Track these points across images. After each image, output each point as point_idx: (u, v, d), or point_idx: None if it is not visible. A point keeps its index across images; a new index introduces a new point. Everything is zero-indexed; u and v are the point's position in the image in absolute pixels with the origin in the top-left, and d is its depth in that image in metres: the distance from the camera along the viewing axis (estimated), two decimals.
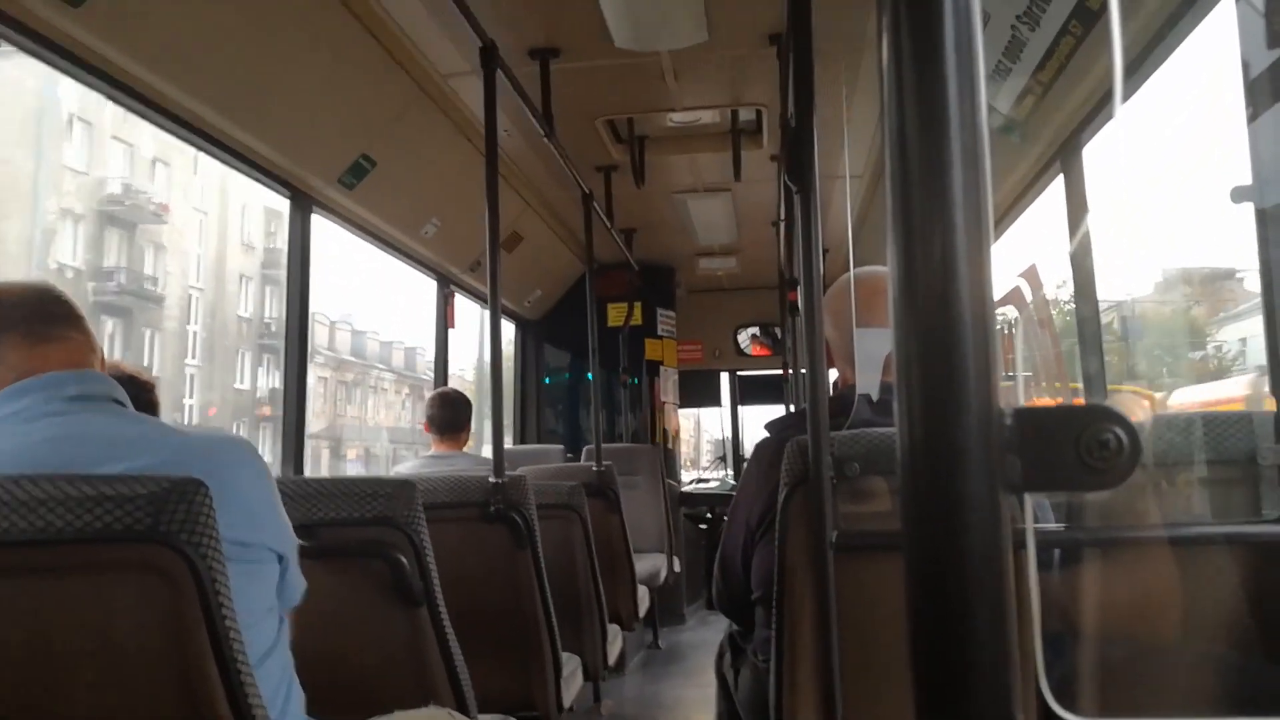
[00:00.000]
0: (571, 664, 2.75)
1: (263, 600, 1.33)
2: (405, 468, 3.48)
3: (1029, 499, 0.44)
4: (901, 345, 0.41)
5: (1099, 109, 2.45)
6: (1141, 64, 2.11)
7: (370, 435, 37.27)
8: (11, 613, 1.08)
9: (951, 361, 0.39)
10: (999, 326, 0.41)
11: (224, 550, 1.21)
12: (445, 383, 4.51)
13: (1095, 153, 2.59)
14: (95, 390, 1.30)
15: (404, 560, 1.72)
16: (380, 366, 38.37)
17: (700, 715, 3.64)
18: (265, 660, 1.31)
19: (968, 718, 0.39)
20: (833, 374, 1.88)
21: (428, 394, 3.67)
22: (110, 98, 2.24)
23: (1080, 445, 0.40)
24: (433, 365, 4.60)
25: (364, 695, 1.67)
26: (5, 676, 1.08)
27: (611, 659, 3.26)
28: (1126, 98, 2.33)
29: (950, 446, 0.39)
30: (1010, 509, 0.41)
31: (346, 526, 1.36)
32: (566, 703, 2.60)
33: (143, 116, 2.36)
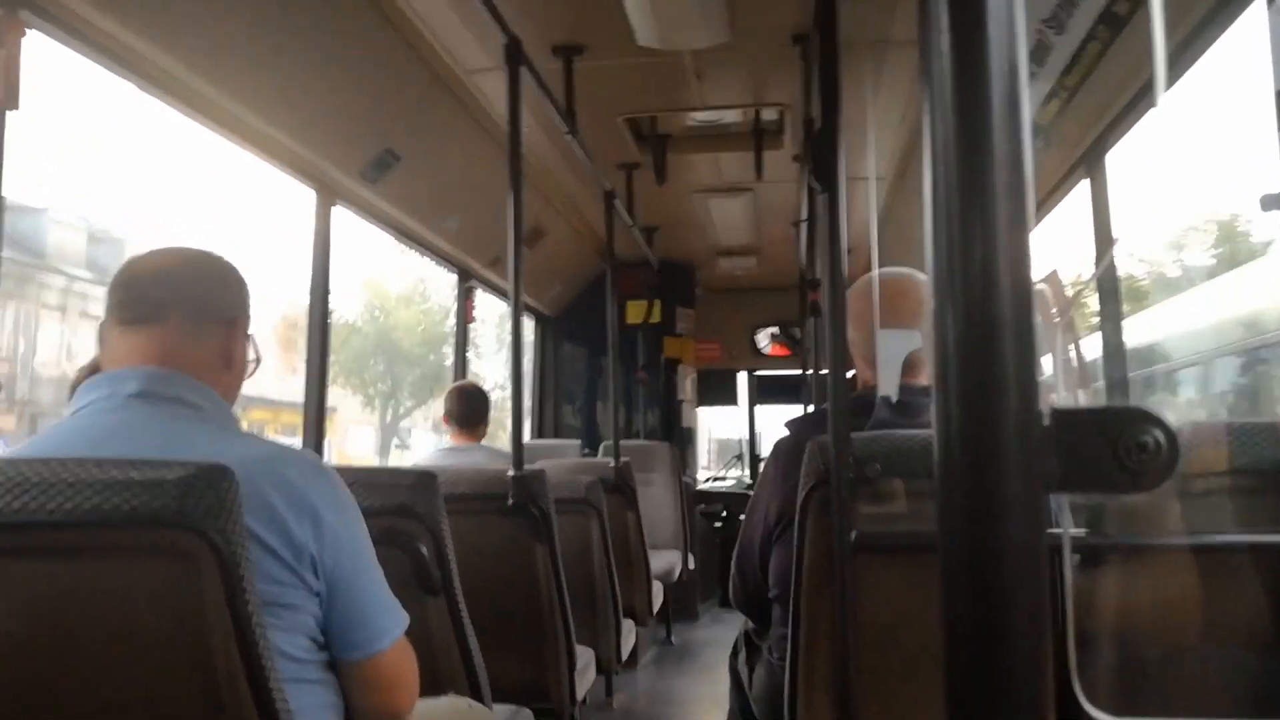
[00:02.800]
0: (585, 657, 2.76)
1: (296, 645, 1.25)
2: (424, 460, 3.51)
3: (1065, 501, 0.44)
4: (941, 345, 0.41)
5: (1125, 114, 2.44)
6: (1171, 68, 2.10)
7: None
8: (37, 594, 1.09)
9: (991, 362, 0.40)
10: None
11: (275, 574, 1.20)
12: (464, 376, 4.53)
13: (1120, 158, 2.58)
14: (159, 389, 1.25)
15: (423, 550, 1.74)
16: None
17: (712, 712, 3.65)
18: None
19: (1000, 714, 0.39)
20: (850, 374, 1.88)
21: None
22: (142, 90, 2.26)
23: (1119, 447, 0.40)
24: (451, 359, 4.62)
25: None
26: (30, 658, 1.09)
27: (625, 653, 3.27)
28: (1153, 103, 2.32)
29: (989, 446, 0.40)
30: (1047, 509, 0.41)
31: (368, 516, 1.37)
32: (580, 695, 2.61)
33: (173, 108, 2.38)
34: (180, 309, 1.30)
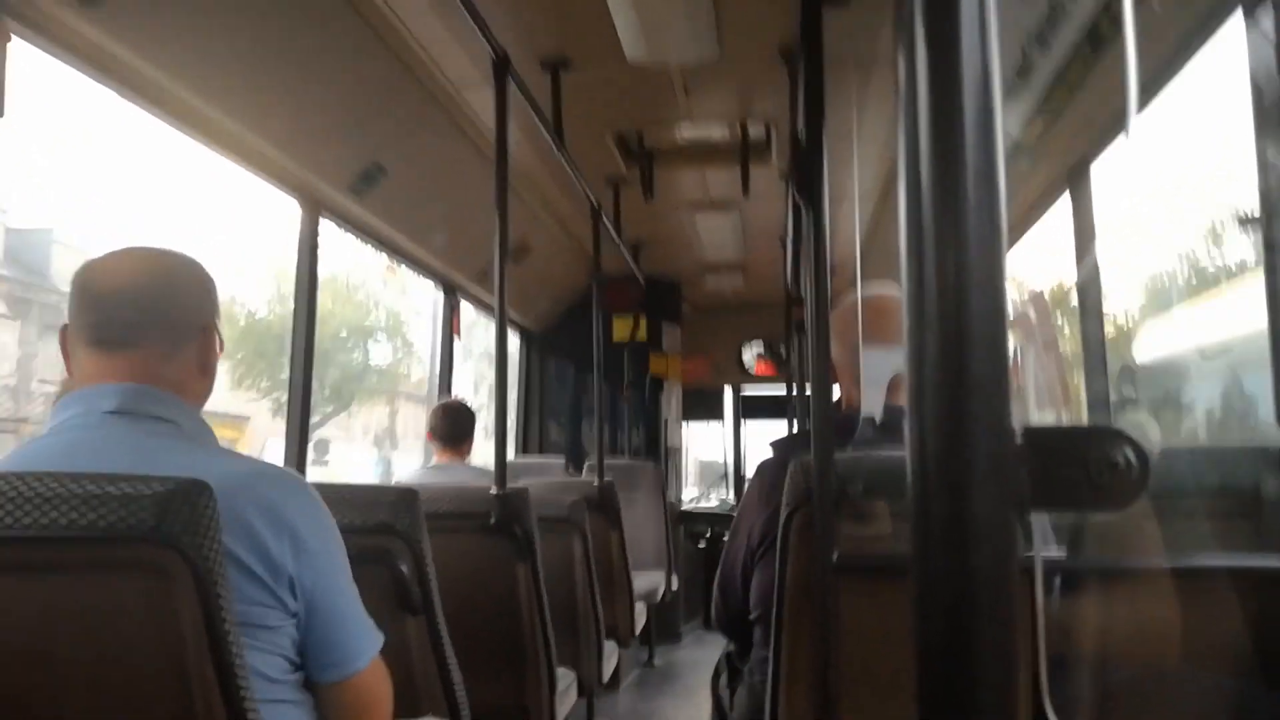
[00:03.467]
0: (567, 679, 2.74)
1: (273, 665, 1.24)
2: (407, 477, 3.49)
3: (1037, 520, 0.44)
4: (914, 363, 0.40)
5: (1107, 131, 2.45)
6: (1151, 85, 2.12)
7: None
8: (13, 609, 1.07)
9: (964, 379, 0.39)
10: None
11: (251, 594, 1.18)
12: (449, 393, 4.51)
13: (1101, 173, 2.60)
14: (136, 406, 1.23)
15: (404, 568, 1.72)
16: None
17: None
18: None
19: None
20: (835, 391, 1.87)
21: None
22: (126, 99, 2.24)
23: (1090, 465, 0.40)
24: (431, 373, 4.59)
25: None
26: (3, 672, 1.08)
27: (607, 675, 3.25)
28: (1130, 121, 2.34)
29: (961, 464, 0.39)
30: (1021, 530, 0.40)
31: (348, 534, 1.36)
32: (560, 717, 2.59)
33: (159, 119, 2.37)
34: (155, 332, 1.28)
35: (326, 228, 3.13)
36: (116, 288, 1.27)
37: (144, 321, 1.27)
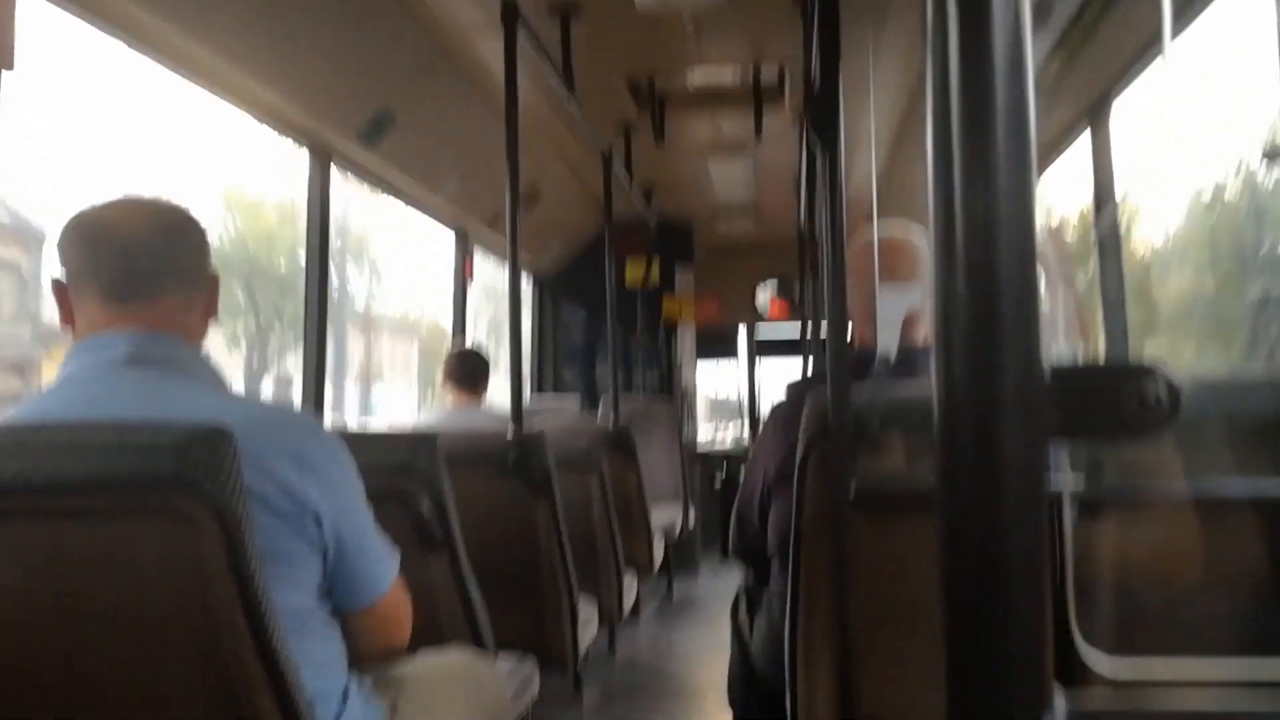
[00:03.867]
0: (588, 610, 2.79)
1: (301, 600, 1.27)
2: (425, 421, 3.52)
3: (1065, 452, 0.45)
4: (942, 299, 0.41)
5: (1128, 67, 2.42)
6: (1176, 19, 2.08)
7: None
8: (37, 557, 1.09)
9: (993, 316, 0.40)
10: None
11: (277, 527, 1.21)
12: (464, 337, 4.53)
13: (1123, 110, 2.57)
14: (150, 352, 1.23)
15: (425, 509, 1.75)
16: None
17: (713, 663, 3.69)
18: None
19: (1002, 658, 0.40)
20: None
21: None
22: (133, 49, 2.23)
23: (1120, 402, 0.40)
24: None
25: None
26: (33, 620, 1.10)
27: (627, 606, 3.31)
28: (1157, 53, 2.30)
29: (990, 401, 0.40)
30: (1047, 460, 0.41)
31: (369, 476, 1.38)
32: (582, 648, 2.65)
33: (164, 67, 2.35)
34: (175, 281, 1.28)
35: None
36: (132, 240, 1.27)
37: (164, 271, 1.27)
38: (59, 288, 1.29)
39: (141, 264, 1.26)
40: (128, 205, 1.30)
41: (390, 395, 23.61)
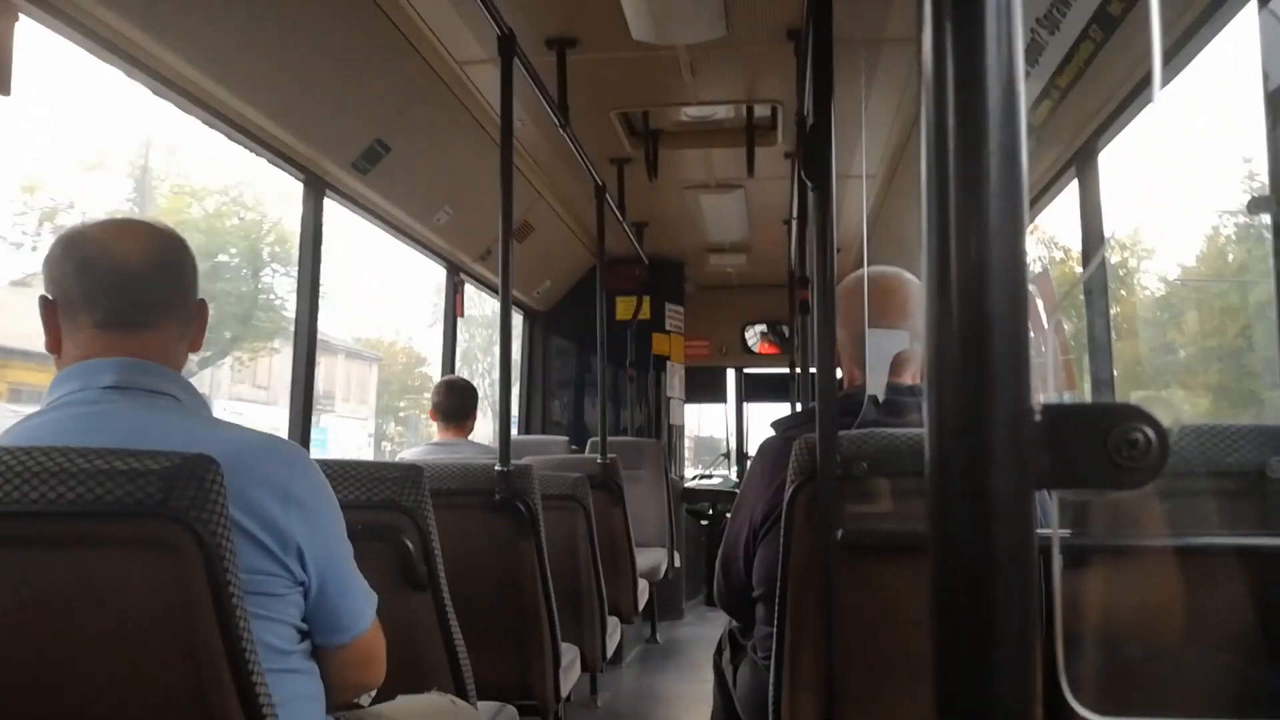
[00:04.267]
0: (570, 654, 2.76)
1: (279, 636, 1.25)
2: (410, 454, 3.49)
3: (1054, 500, 0.44)
4: (934, 339, 0.41)
5: (1116, 114, 2.44)
6: (1164, 66, 2.11)
7: None
8: (20, 584, 1.08)
9: (983, 357, 0.39)
10: None
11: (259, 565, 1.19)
12: (453, 371, 4.52)
13: (1111, 158, 2.59)
14: (136, 380, 1.23)
15: (409, 544, 1.73)
16: None
17: (696, 710, 3.65)
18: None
19: (987, 711, 0.39)
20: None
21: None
22: (131, 76, 2.24)
23: (1109, 443, 0.40)
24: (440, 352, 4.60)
25: None
26: (13, 646, 1.08)
27: (610, 651, 3.27)
28: (1142, 106, 2.33)
29: (980, 440, 0.39)
30: (1036, 507, 0.41)
31: (353, 510, 1.37)
32: (564, 693, 2.61)
33: (161, 96, 2.36)
34: (170, 312, 1.28)
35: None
36: (131, 269, 1.26)
37: (162, 303, 1.27)
38: (47, 306, 1.27)
39: (140, 295, 1.25)
40: (125, 229, 1.29)
41: (341, 428, 21.76)
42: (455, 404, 3.49)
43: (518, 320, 6.05)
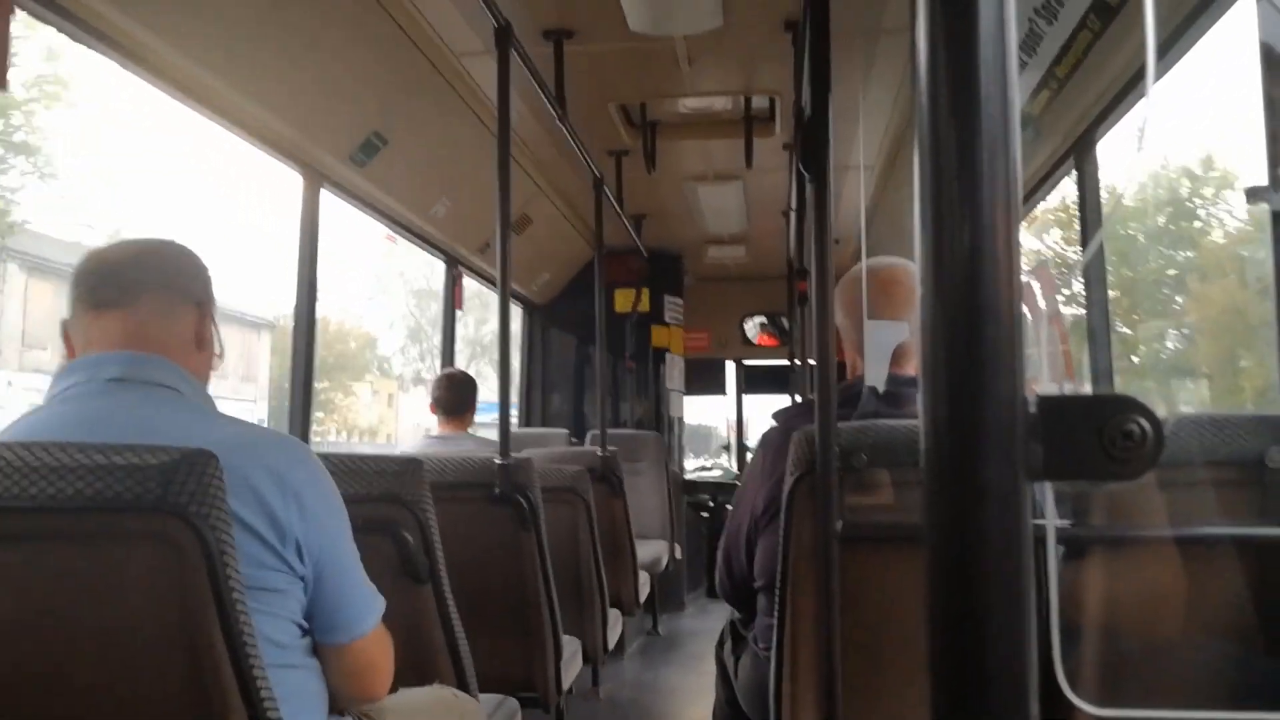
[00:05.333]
0: (571, 647, 2.76)
1: (281, 631, 1.25)
2: (410, 447, 3.50)
3: (1049, 489, 0.44)
4: (928, 331, 0.41)
5: (1114, 105, 2.44)
6: (1161, 58, 2.10)
7: None
8: (20, 579, 1.08)
9: (977, 347, 0.39)
10: None
11: (259, 557, 1.20)
12: (452, 364, 4.52)
13: (1109, 149, 2.59)
14: (137, 373, 1.24)
15: (409, 538, 1.73)
16: None
17: (697, 701, 3.66)
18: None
19: (983, 702, 0.39)
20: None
21: None
22: (126, 69, 2.23)
23: (1104, 435, 0.40)
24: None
25: None
26: (12, 642, 1.08)
27: (611, 643, 3.28)
28: (1142, 93, 2.32)
29: (974, 432, 0.39)
30: (1031, 498, 0.41)
31: (353, 503, 1.37)
32: (566, 685, 2.61)
33: (158, 89, 2.36)
34: (151, 288, 1.30)
35: None
36: (114, 256, 1.32)
37: (140, 280, 1.29)
38: (64, 329, 1.32)
39: (117, 273, 1.29)
40: (126, 240, 1.36)
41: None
42: (455, 397, 3.49)
43: (516, 313, 6.05)
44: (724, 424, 7.72)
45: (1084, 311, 2.66)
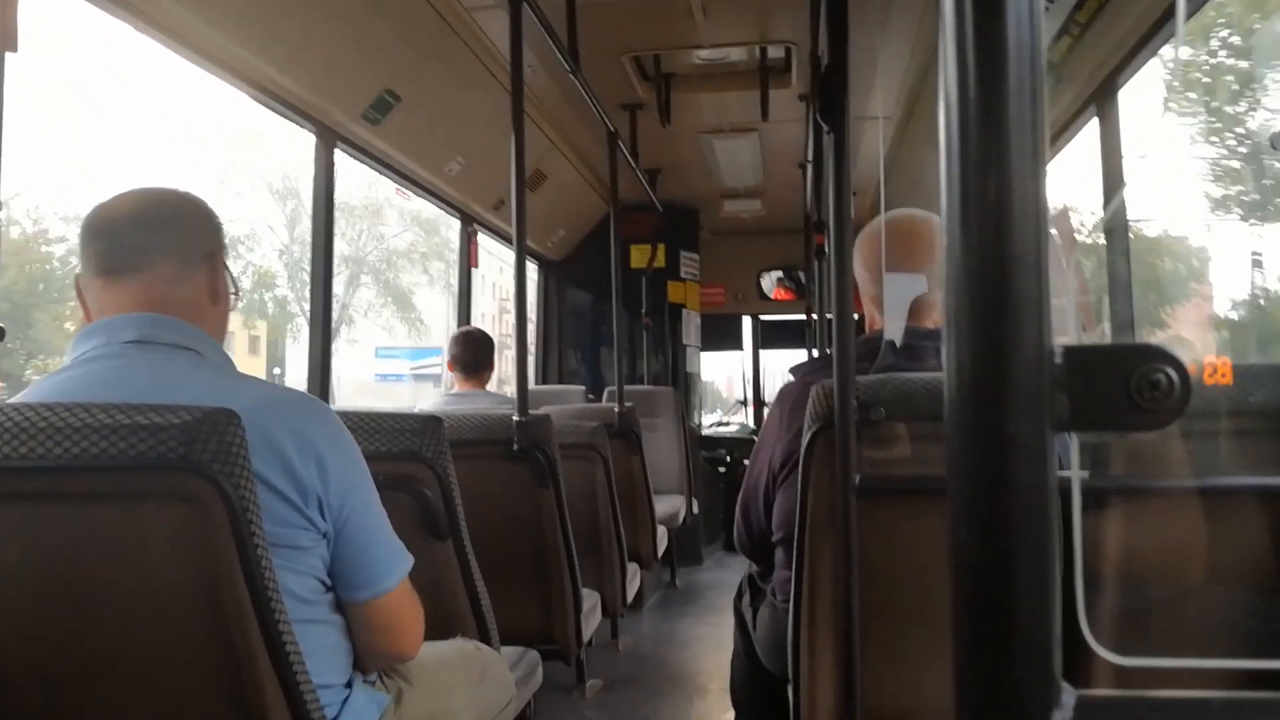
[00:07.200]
0: (591, 600, 2.80)
1: (305, 586, 1.26)
2: (428, 405, 3.52)
3: (1074, 440, 0.44)
4: (953, 281, 0.40)
5: (1136, 51, 2.39)
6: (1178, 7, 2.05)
7: None
8: (46, 538, 1.10)
9: (1003, 298, 0.39)
10: None
11: (284, 516, 1.21)
12: (469, 322, 4.53)
13: (1131, 96, 2.54)
14: (156, 334, 1.24)
15: (430, 495, 1.75)
16: None
17: (716, 653, 3.70)
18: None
19: (1007, 653, 0.39)
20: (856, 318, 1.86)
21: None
22: (136, 29, 2.22)
23: (1131, 385, 0.40)
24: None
25: None
26: (40, 602, 1.10)
27: (630, 596, 3.31)
28: (1166, 36, 2.27)
29: (999, 383, 0.39)
30: (1057, 449, 0.40)
31: (374, 461, 1.38)
32: (585, 638, 2.65)
33: (170, 49, 2.34)
34: (163, 252, 1.29)
35: None
36: (118, 216, 1.29)
37: (149, 244, 1.28)
38: (77, 283, 1.32)
39: (125, 238, 1.28)
40: (130, 192, 1.32)
41: None
42: (472, 355, 3.49)
43: (532, 271, 6.04)
44: (738, 378, 7.66)
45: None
